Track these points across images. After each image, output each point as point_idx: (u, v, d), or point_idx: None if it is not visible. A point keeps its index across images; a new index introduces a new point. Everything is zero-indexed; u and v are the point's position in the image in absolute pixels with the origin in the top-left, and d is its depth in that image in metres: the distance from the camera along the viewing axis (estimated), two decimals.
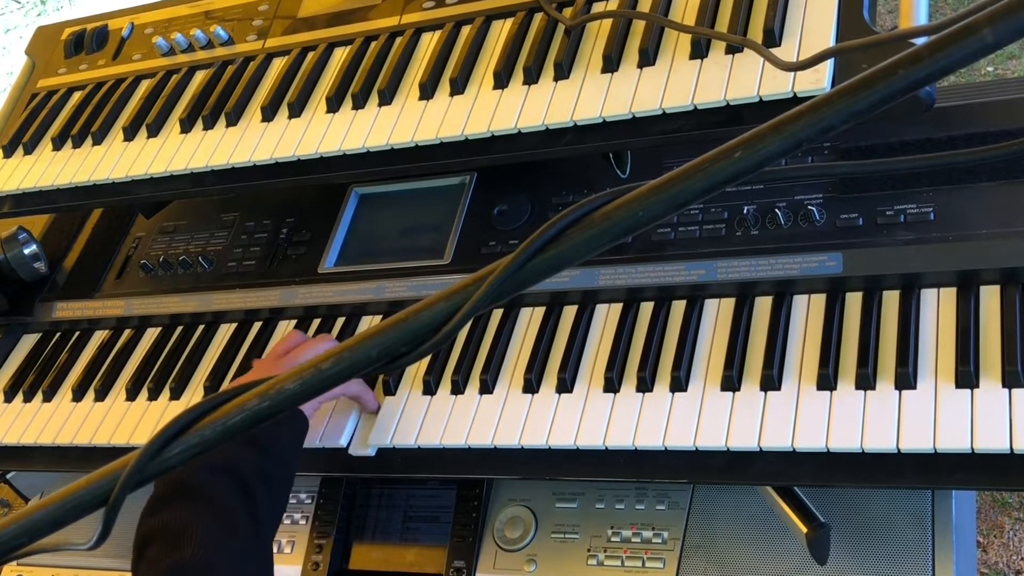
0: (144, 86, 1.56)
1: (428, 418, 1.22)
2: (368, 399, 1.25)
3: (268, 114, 1.40)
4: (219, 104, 1.44)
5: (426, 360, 1.27)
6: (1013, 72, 3.05)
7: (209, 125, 1.43)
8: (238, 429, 0.57)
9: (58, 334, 1.60)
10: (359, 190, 1.50)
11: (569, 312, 1.26)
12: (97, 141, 1.51)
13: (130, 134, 1.49)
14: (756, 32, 1.13)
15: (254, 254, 1.51)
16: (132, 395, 1.43)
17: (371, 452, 1.22)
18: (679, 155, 1.30)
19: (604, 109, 1.15)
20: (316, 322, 1.41)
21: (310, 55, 1.45)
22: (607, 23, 1.23)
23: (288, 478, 1.16)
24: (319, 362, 0.56)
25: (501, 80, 1.25)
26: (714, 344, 1.15)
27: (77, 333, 1.59)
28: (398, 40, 1.39)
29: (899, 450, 0.98)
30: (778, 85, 1.07)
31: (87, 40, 1.67)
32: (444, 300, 0.55)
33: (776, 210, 1.19)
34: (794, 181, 1.21)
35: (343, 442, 1.24)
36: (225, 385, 1.38)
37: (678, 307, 1.20)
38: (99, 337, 1.56)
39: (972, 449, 0.96)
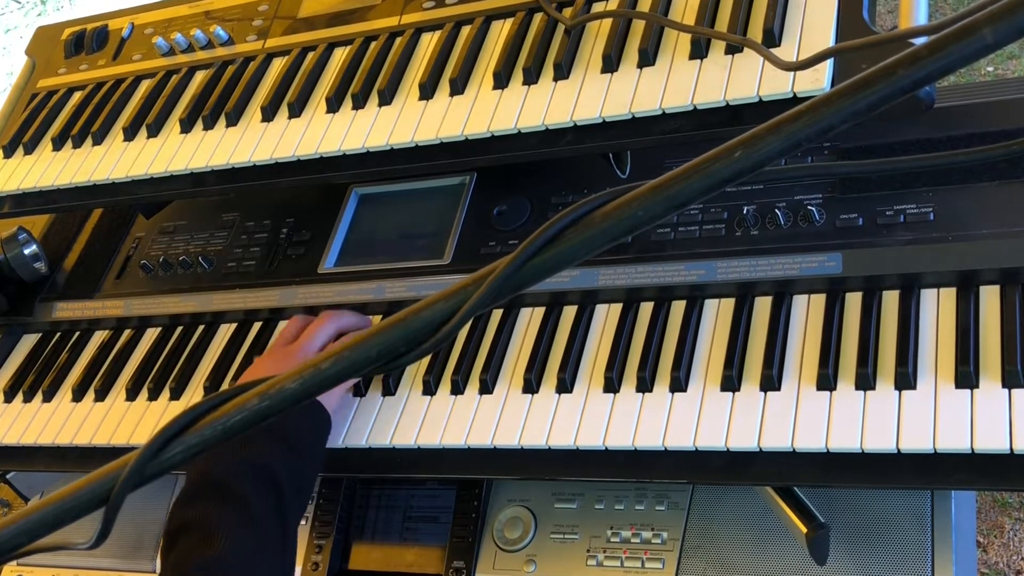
0: (144, 86, 1.56)
1: (428, 418, 1.22)
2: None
3: (268, 114, 1.40)
4: (219, 104, 1.45)
5: (426, 360, 1.27)
6: (1013, 72, 3.05)
7: (209, 125, 1.43)
8: (238, 429, 0.57)
9: (58, 334, 1.60)
10: (359, 190, 1.50)
11: (569, 312, 1.26)
12: (97, 141, 1.51)
13: (130, 134, 1.49)
14: (756, 32, 1.13)
15: (254, 254, 1.51)
16: (132, 395, 1.43)
17: (363, 442, 1.22)
18: (679, 155, 1.30)
19: (604, 109, 1.15)
20: None
21: (310, 55, 1.45)
22: (607, 23, 1.24)
23: (314, 479, 1.20)
24: (318, 362, 0.56)
25: (501, 80, 1.25)
26: (714, 344, 1.15)
27: (77, 333, 1.59)
28: (398, 40, 1.39)
29: (899, 450, 0.98)
30: (778, 85, 1.07)
31: (87, 40, 1.67)
32: (444, 300, 0.55)
33: (776, 210, 1.19)
34: (794, 181, 1.21)
35: (342, 442, 1.24)
36: (225, 385, 1.39)
37: (678, 307, 1.20)
38: (99, 337, 1.56)
39: (972, 449, 0.96)
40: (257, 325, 1.45)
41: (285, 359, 1.25)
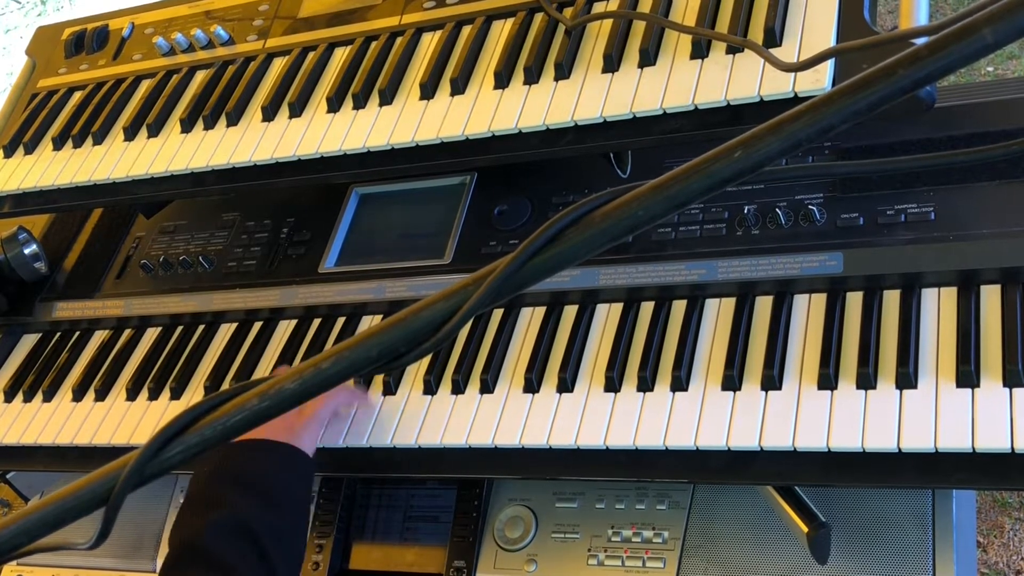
0: (144, 86, 1.56)
1: (428, 418, 1.22)
2: (361, 398, 1.26)
3: (269, 114, 1.40)
4: (220, 104, 1.44)
5: (426, 360, 1.27)
6: (1013, 72, 3.05)
7: (210, 125, 1.43)
8: (238, 429, 0.57)
9: (58, 334, 1.60)
10: (359, 190, 1.50)
11: (570, 312, 1.26)
12: (97, 141, 1.51)
13: (130, 134, 1.49)
14: (757, 32, 1.13)
15: (254, 254, 1.51)
16: (132, 395, 1.43)
17: (363, 442, 1.22)
18: (679, 155, 1.30)
19: (605, 109, 1.15)
20: (316, 322, 1.41)
21: (311, 55, 1.45)
22: (607, 23, 1.23)
23: (302, 524, 1.17)
24: (319, 362, 0.56)
25: (502, 80, 1.25)
26: (715, 344, 1.15)
27: (77, 333, 1.59)
28: (399, 40, 1.39)
29: (900, 449, 0.98)
30: (779, 85, 1.07)
31: (87, 40, 1.67)
32: (444, 300, 0.55)
33: (777, 210, 1.19)
34: (794, 181, 1.21)
35: (341, 442, 1.24)
36: (225, 385, 1.38)
37: (679, 307, 1.20)
38: (99, 337, 1.56)
39: (973, 448, 0.95)
40: (257, 325, 1.45)
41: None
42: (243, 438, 1.14)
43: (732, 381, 1.10)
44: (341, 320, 1.39)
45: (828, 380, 1.06)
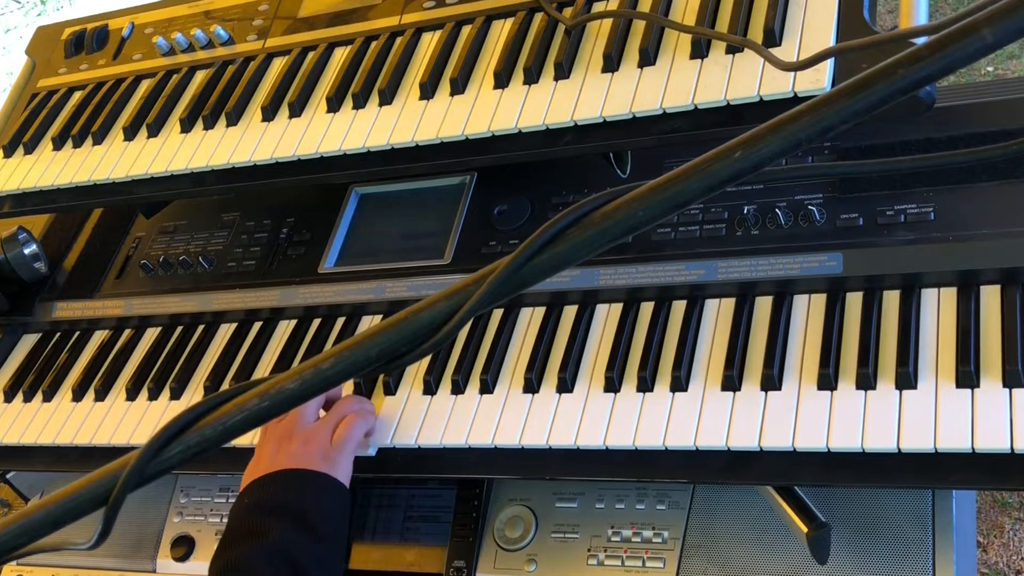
0: (144, 86, 1.56)
1: (428, 418, 1.22)
2: (371, 421, 1.25)
3: (268, 114, 1.40)
4: (219, 104, 1.45)
5: (426, 360, 1.27)
6: (1013, 72, 3.05)
7: (209, 125, 1.43)
8: (238, 429, 0.57)
9: (58, 334, 1.60)
10: (359, 190, 1.50)
11: (569, 312, 1.26)
12: (97, 141, 1.51)
13: (130, 134, 1.49)
14: (756, 32, 1.13)
15: (254, 254, 1.51)
16: (132, 395, 1.43)
17: (372, 452, 1.22)
18: (679, 155, 1.30)
19: (604, 109, 1.15)
20: (316, 322, 1.41)
21: (310, 55, 1.45)
22: (607, 23, 1.24)
23: (340, 553, 1.17)
24: (319, 362, 0.56)
25: (501, 80, 1.25)
26: (714, 344, 1.15)
27: (77, 333, 1.58)
28: (398, 40, 1.39)
29: (900, 450, 0.98)
30: (778, 85, 1.07)
31: (87, 40, 1.67)
32: (444, 300, 0.55)
33: (776, 210, 1.19)
34: (794, 181, 1.21)
35: None
36: (225, 385, 1.38)
37: (678, 307, 1.20)
38: (99, 337, 1.56)
39: (973, 449, 0.96)
40: (257, 325, 1.45)
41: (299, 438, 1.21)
42: (283, 467, 1.15)
43: (732, 381, 1.10)
44: (341, 320, 1.40)
45: (828, 380, 1.06)
